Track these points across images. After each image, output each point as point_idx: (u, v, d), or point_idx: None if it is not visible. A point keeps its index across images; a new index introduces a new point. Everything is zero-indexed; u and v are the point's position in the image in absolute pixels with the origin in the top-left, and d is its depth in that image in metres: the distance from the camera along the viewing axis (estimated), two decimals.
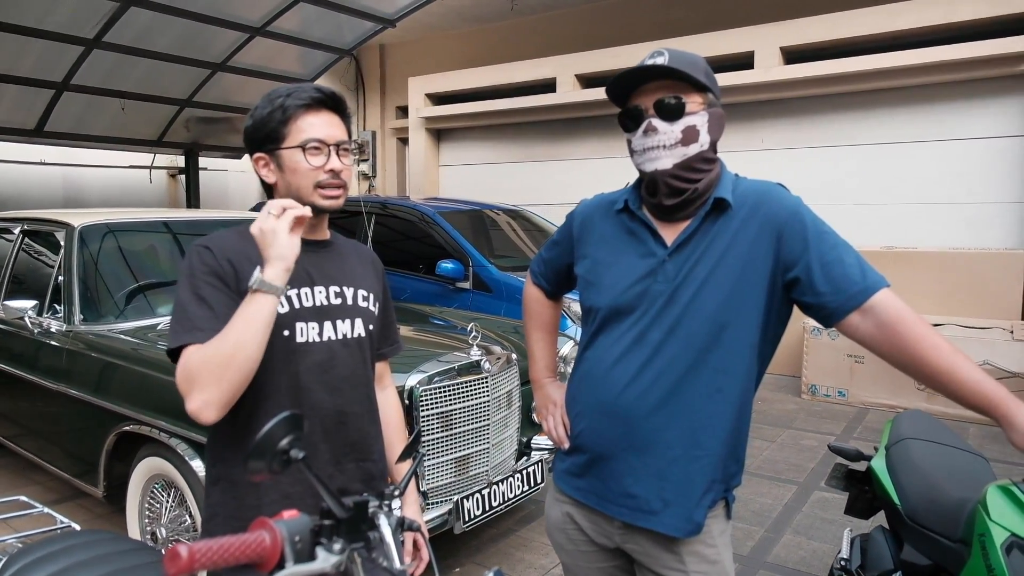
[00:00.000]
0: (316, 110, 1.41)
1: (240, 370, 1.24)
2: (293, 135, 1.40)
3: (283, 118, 1.39)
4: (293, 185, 1.41)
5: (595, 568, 1.54)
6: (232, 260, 1.37)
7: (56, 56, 6.17)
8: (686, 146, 1.33)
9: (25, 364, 3.36)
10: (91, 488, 3.04)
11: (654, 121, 1.33)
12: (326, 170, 1.40)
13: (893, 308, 1.28)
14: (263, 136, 1.42)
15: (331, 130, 1.41)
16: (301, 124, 1.39)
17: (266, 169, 1.44)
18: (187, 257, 1.39)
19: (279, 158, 1.42)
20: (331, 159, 1.40)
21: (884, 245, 6.54)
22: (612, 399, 1.39)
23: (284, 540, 0.89)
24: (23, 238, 3.82)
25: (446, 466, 2.74)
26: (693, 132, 1.34)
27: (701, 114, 1.35)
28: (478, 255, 5.09)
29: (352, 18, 6.76)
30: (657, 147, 1.34)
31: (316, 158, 1.39)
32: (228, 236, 1.43)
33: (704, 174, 1.37)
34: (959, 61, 5.85)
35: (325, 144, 1.40)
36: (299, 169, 1.40)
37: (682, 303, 1.35)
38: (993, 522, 1.52)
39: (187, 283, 1.35)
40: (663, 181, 1.35)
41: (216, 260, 1.36)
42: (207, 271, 1.35)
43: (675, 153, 1.33)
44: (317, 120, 1.40)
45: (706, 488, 1.38)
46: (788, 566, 3.15)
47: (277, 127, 1.40)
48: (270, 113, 1.40)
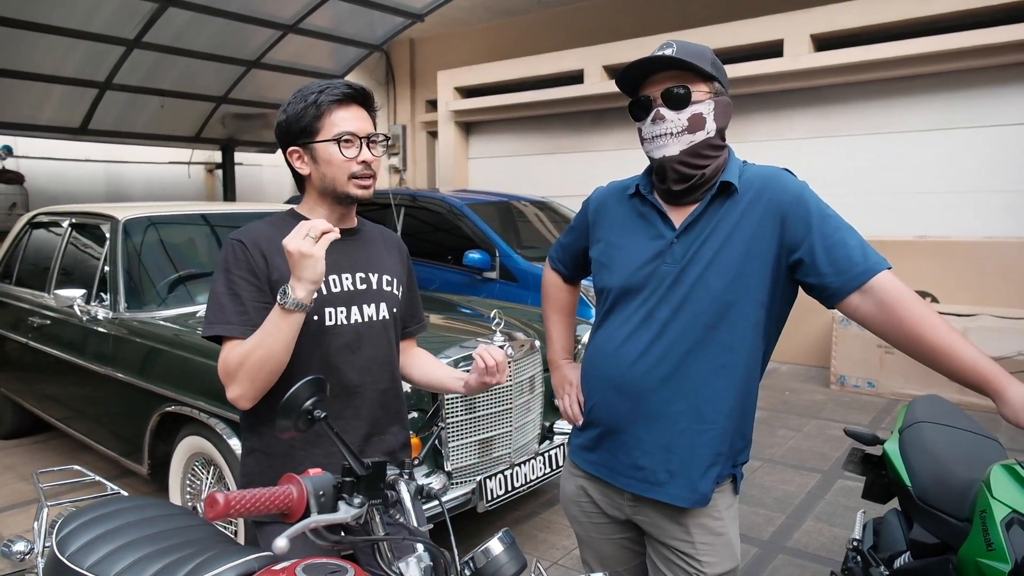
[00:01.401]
0: (347, 105, 1.50)
1: (271, 373, 1.41)
2: (327, 129, 1.49)
3: (317, 113, 1.48)
4: (328, 176, 1.51)
5: (607, 539, 1.61)
6: (264, 252, 1.49)
7: (99, 56, 6.41)
8: (692, 133, 1.39)
9: (74, 350, 3.56)
10: (136, 466, 3.22)
11: (662, 110, 1.39)
12: (359, 161, 1.50)
13: (893, 288, 1.32)
14: (297, 130, 1.51)
15: (362, 123, 1.51)
16: (334, 119, 1.49)
17: (300, 162, 1.54)
18: (223, 250, 1.51)
19: (313, 151, 1.51)
20: (363, 151, 1.50)
21: (917, 234, 6.45)
22: (621, 374, 1.47)
23: (309, 493, 0.99)
24: (71, 231, 4.02)
25: (470, 447, 2.84)
26: (699, 120, 1.39)
27: (707, 102, 1.40)
28: (505, 245, 5.17)
29: (382, 14, 6.88)
30: (665, 135, 1.40)
31: (350, 150, 1.49)
32: (261, 228, 1.54)
33: (711, 160, 1.43)
34: (994, 46, 5.71)
35: (357, 137, 1.50)
36: (333, 161, 1.49)
37: (689, 283, 1.42)
38: (994, 499, 1.55)
39: (222, 276, 1.48)
40: (671, 167, 1.42)
41: (249, 254, 1.48)
42: (240, 265, 1.47)
43: (682, 140, 1.39)
44: (348, 114, 1.50)
45: (711, 461, 1.44)
46: (808, 551, 3.18)
47: (311, 122, 1.49)
48: (304, 108, 1.49)
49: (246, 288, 1.46)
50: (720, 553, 1.47)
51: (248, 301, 1.45)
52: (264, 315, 1.44)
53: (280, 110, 1.55)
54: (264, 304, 1.45)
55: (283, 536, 0.89)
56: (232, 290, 1.46)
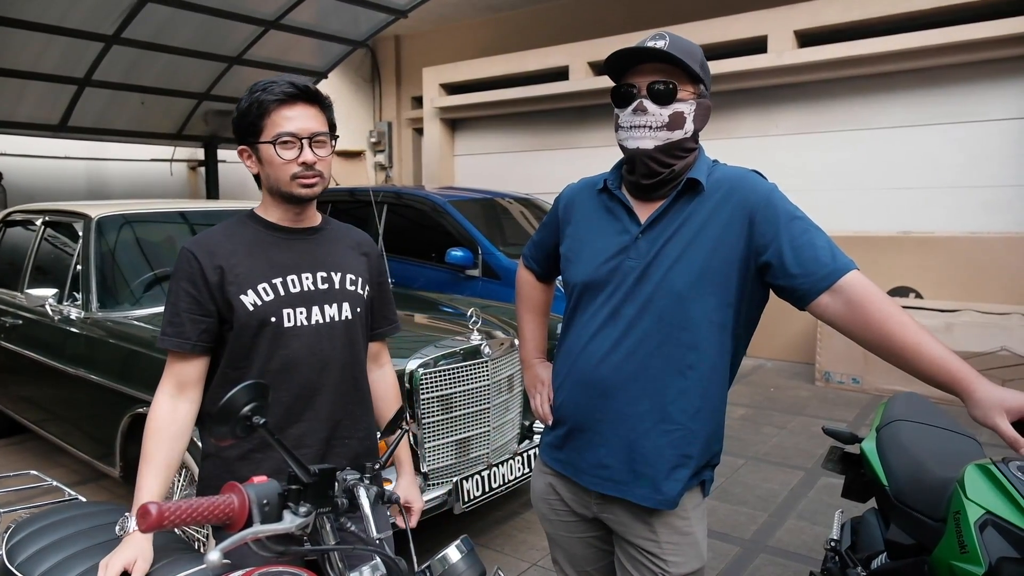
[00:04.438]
0: (290, 104, 1.45)
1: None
2: (268, 129, 1.45)
3: (259, 112, 1.45)
4: (272, 177, 1.49)
5: (576, 538, 1.60)
6: (220, 260, 1.47)
7: (78, 52, 6.32)
8: (671, 131, 1.37)
9: (47, 350, 3.49)
10: (109, 469, 3.16)
11: (645, 102, 1.37)
12: (299, 162, 1.45)
13: (861, 288, 1.30)
14: (243, 129, 1.48)
15: (305, 123, 1.46)
16: (275, 118, 1.45)
17: (249, 161, 1.51)
18: (178, 257, 1.50)
19: (258, 151, 1.48)
20: (304, 152, 1.45)
21: (900, 230, 6.46)
22: (589, 371, 1.45)
23: (252, 502, 0.95)
24: (44, 229, 3.95)
25: (446, 448, 2.80)
26: (680, 118, 1.38)
27: (690, 102, 1.39)
28: (487, 243, 5.13)
29: (365, 9, 6.82)
30: (644, 127, 1.38)
31: (288, 151, 1.45)
32: (217, 238, 1.51)
33: (681, 160, 1.42)
34: (976, 41, 5.73)
35: (297, 137, 1.45)
36: (274, 162, 1.46)
37: (654, 280, 1.39)
38: (968, 500, 1.53)
39: (172, 284, 1.49)
40: (642, 160, 1.40)
41: (199, 264, 1.46)
42: (183, 275, 1.47)
43: (659, 136, 1.37)
44: (291, 113, 1.45)
45: (676, 462, 1.41)
46: (790, 550, 3.17)
47: (255, 121, 1.46)
48: (248, 107, 1.46)
49: (184, 299, 1.46)
50: (686, 553, 1.45)
51: (184, 313, 1.46)
52: (199, 328, 1.46)
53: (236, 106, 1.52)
54: (201, 317, 1.46)
55: (217, 548, 0.85)
56: (175, 303, 1.47)
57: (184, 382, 1.47)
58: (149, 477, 1.40)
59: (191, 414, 1.49)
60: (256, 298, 1.46)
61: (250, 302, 1.46)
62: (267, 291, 1.48)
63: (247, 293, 1.46)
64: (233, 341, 1.47)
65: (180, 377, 1.47)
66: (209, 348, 1.49)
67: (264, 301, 1.47)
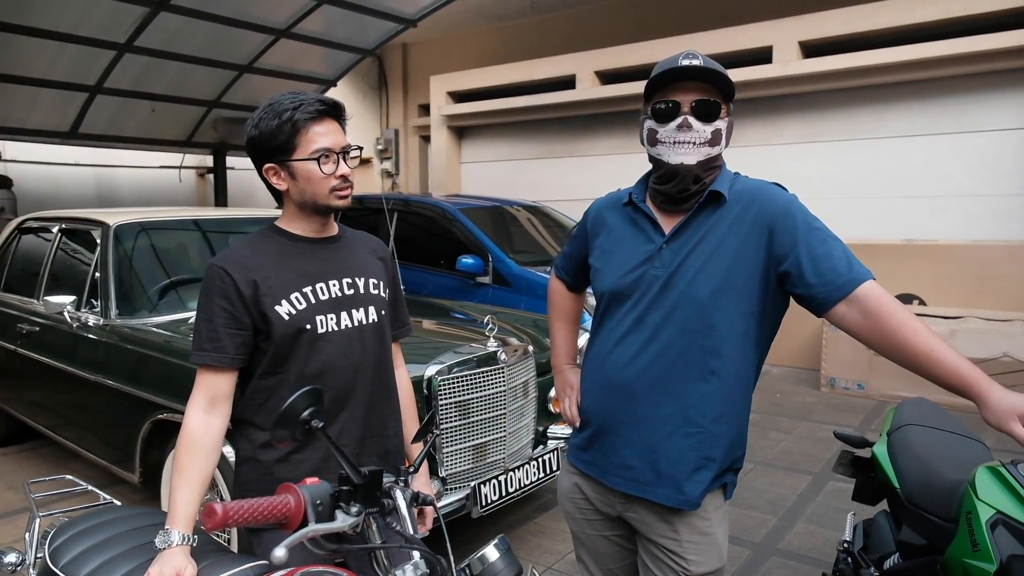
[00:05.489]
0: (321, 120, 1.50)
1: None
2: (303, 146, 1.49)
3: (293, 130, 1.48)
4: (308, 192, 1.53)
5: (600, 536, 1.65)
6: (254, 274, 1.51)
7: (90, 60, 6.38)
8: (712, 147, 1.44)
9: (65, 357, 3.53)
10: (128, 474, 3.20)
11: (690, 119, 1.43)
12: (337, 176, 1.51)
13: (877, 297, 1.35)
14: (273, 148, 1.51)
15: (336, 137, 1.52)
16: (310, 135, 1.49)
17: (276, 178, 1.55)
18: (207, 275, 1.53)
19: (291, 168, 1.52)
20: (340, 165, 1.52)
21: (905, 238, 6.51)
22: (614, 377, 1.50)
23: (307, 503, 1.00)
24: (61, 237, 4.00)
25: (464, 453, 2.85)
26: (719, 136, 1.45)
27: (726, 120, 1.46)
28: (497, 250, 5.18)
29: (374, 19, 6.88)
30: (689, 143, 1.43)
31: (328, 166, 1.50)
32: (245, 252, 1.55)
33: (712, 173, 1.49)
34: (979, 53, 5.80)
35: (333, 152, 1.50)
36: (313, 178, 1.51)
37: (679, 289, 1.45)
38: (980, 500, 1.58)
39: (203, 301, 1.51)
40: (687, 174, 1.45)
41: (231, 279, 1.49)
42: (216, 292, 1.50)
43: (702, 151, 1.44)
44: (323, 129, 1.50)
45: (698, 464, 1.46)
46: (800, 553, 3.21)
47: (288, 139, 1.49)
48: (279, 126, 1.48)
49: (220, 315, 1.49)
50: (706, 552, 1.50)
51: (221, 328, 1.48)
52: (236, 342, 1.49)
53: (250, 124, 1.53)
54: (238, 331, 1.49)
55: (281, 546, 0.89)
56: (209, 318, 1.49)
57: (216, 396, 1.50)
58: (185, 490, 1.41)
59: (222, 428, 1.51)
60: (290, 307, 1.51)
61: (285, 312, 1.51)
62: (299, 300, 1.53)
63: (281, 303, 1.51)
64: (273, 350, 1.51)
65: (213, 392, 1.49)
66: (245, 361, 1.53)
67: (298, 310, 1.52)
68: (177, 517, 1.38)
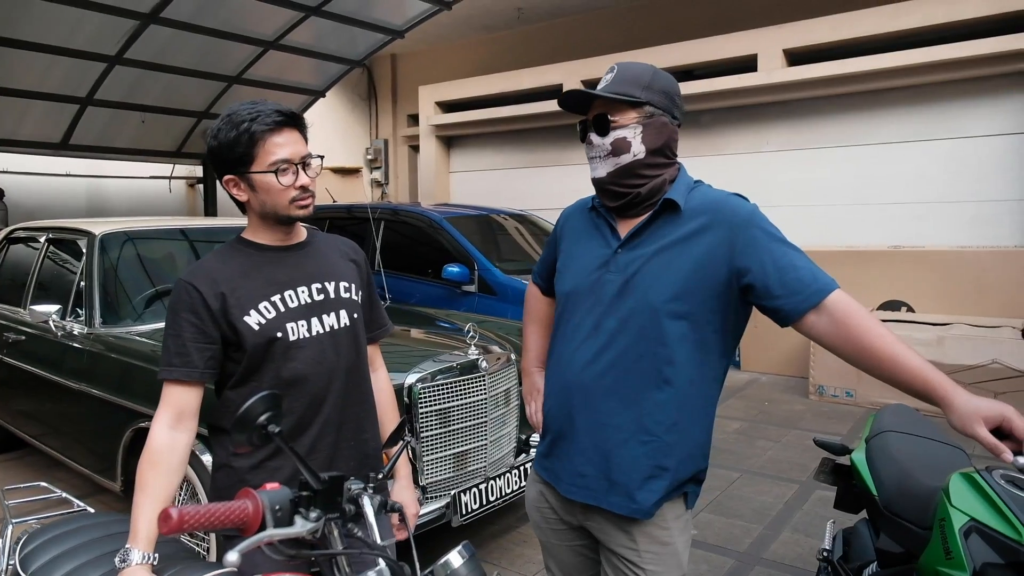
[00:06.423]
0: (279, 131, 1.49)
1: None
2: (261, 158, 1.48)
3: (250, 142, 1.47)
4: (268, 203, 1.52)
5: (566, 546, 1.64)
6: (224, 292, 1.50)
7: (81, 73, 6.41)
8: (617, 156, 1.46)
9: (49, 365, 3.53)
10: (109, 483, 3.19)
11: (591, 135, 1.49)
12: (297, 187, 1.51)
13: (844, 305, 1.36)
14: (232, 159, 1.50)
15: (295, 147, 1.51)
16: (268, 147, 1.48)
17: (236, 189, 1.54)
18: (175, 290, 1.52)
19: (250, 180, 1.51)
20: (299, 176, 1.51)
21: (891, 245, 6.55)
22: (572, 381, 1.51)
23: (265, 508, 1.00)
24: (48, 246, 4.00)
25: (444, 461, 2.84)
26: (624, 143, 1.45)
27: (632, 127, 1.45)
28: (483, 259, 5.19)
29: (363, 30, 6.93)
30: (595, 157, 1.49)
31: (286, 177, 1.49)
32: (213, 265, 1.54)
33: (647, 179, 1.47)
34: (963, 59, 5.86)
35: (292, 163, 1.50)
36: (272, 189, 1.50)
37: (635, 296, 1.45)
38: (953, 507, 1.57)
39: (171, 317, 1.50)
40: (601, 187, 1.51)
41: (202, 296, 1.49)
42: (183, 306, 1.49)
43: (607, 163, 1.47)
44: (281, 140, 1.49)
45: (650, 473, 1.45)
46: (785, 562, 3.20)
47: (246, 151, 1.48)
48: (236, 137, 1.47)
49: (188, 329, 1.48)
50: (666, 563, 1.49)
51: (189, 343, 1.47)
52: (205, 356, 1.48)
53: (210, 135, 1.52)
54: (206, 345, 1.48)
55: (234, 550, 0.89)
56: (177, 334, 1.48)
57: (183, 412, 1.48)
58: (147, 508, 1.39)
59: (188, 445, 1.48)
60: (260, 317, 1.51)
61: (254, 322, 1.50)
62: (268, 309, 1.52)
63: (250, 314, 1.50)
64: (246, 361, 1.51)
65: (180, 407, 1.47)
66: (214, 376, 1.52)
67: (268, 319, 1.52)
68: (139, 536, 1.36)
